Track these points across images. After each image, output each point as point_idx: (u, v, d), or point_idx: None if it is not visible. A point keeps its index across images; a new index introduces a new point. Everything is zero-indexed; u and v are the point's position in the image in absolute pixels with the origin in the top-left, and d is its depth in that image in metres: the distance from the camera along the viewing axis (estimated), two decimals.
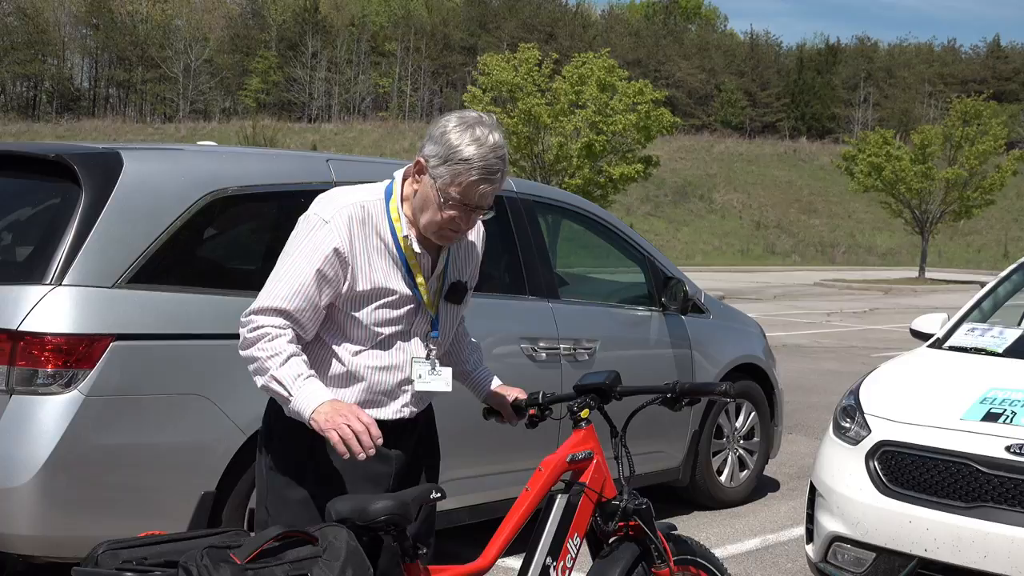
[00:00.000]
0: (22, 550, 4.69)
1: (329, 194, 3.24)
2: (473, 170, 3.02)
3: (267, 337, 3.01)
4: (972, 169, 45.97)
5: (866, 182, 46.92)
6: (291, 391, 2.97)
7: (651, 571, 3.49)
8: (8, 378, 4.64)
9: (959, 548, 4.79)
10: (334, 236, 3.05)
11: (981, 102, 48.62)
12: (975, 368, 5.67)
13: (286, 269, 3.09)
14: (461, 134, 3.04)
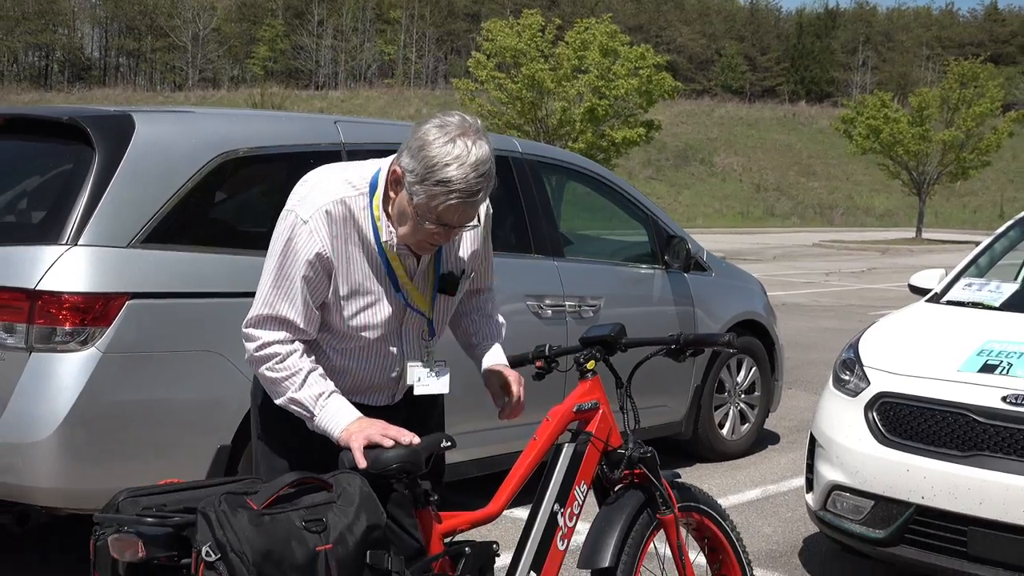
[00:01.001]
0: (45, 502, 4.72)
1: (312, 181, 3.02)
2: (452, 193, 2.76)
3: (277, 358, 2.90)
4: (969, 131, 45.84)
5: (864, 144, 46.81)
6: (314, 411, 2.90)
7: (655, 517, 3.50)
8: (27, 336, 4.65)
9: (955, 496, 4.81)
10: (315, 240, 2.87)
11: (978, 65, 48.42)
12: (972, 321, 5.67)
13: (273, 275, 2.93)
14: (441, 148, 2.75)
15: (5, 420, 4.65)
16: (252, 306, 2.97)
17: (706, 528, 3.78)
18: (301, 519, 2.49)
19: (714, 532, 3.79)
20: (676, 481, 3.64)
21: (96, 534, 2.54)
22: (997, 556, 4.74)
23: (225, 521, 2.40)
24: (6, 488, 4.68)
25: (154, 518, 2.49)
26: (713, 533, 3.80)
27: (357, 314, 3.00)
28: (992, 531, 4.73)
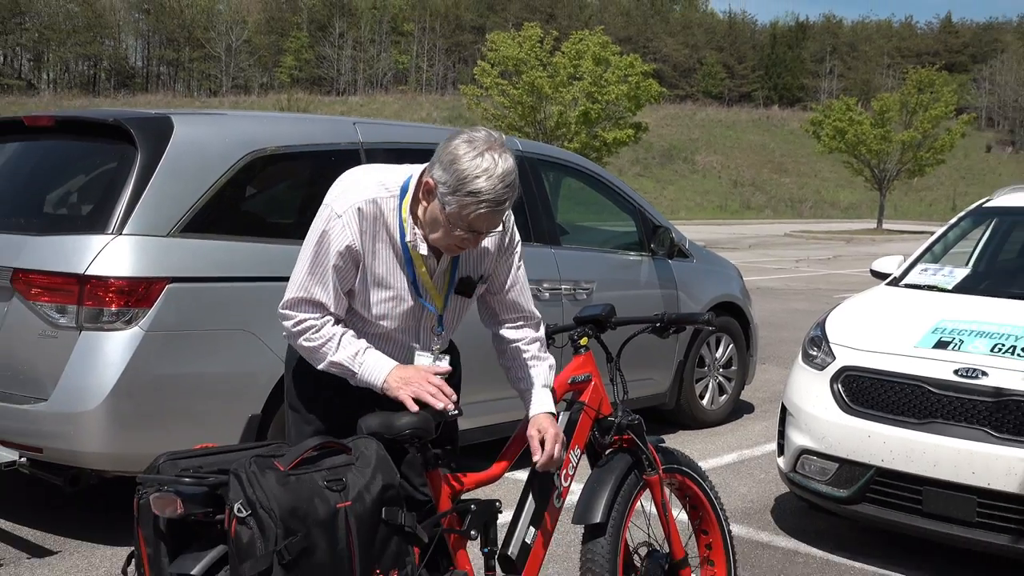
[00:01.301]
0: (94, 465, 4.73)
1: (348, 180, 3.00)
2: (482, 203, 2.75)
3: (312, 329, 2.90)
4: (925, 132, 45.78)
5: (831, 144, 46.74)
6: (354, 368, 2.90)
7: (642, 478, 3.50)
8: (78, 316, 4.66)
9: (912, 458, 4.81)
10: (347, 233, 2.86)
11: (934, 72, 48.31)
12: (927, 303, 5.67)
13: (308, 261, 2.91)
14: (471, 162, 2.74)
15: (58, 392, 4.66)
16: (288, 289, 2.95)
17: (688, 488, 3.78)
18: (323, 479, 2.49)
19: (695, 491, 3.80)
20: (660, 446, 3.64)
21: (139, 493, 2.55)
22: (949, 513, 4.75)
23: (255, 481, 2.40)
24: (59, 453, 4.69)
25: (191, 478, 2.49)
26: (694, 492, 3.80)
27: (379, 304, 2.98)
28: (944, 490, 4.74)
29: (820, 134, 47.51)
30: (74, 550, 4.84)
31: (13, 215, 5.33)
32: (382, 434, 2.77)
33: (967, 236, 6.66)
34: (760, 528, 5.59)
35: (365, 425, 2.81)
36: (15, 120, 5.73)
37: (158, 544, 2.55)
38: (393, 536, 2.56)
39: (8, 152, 5.66)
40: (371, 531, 2.51)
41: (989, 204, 6.69)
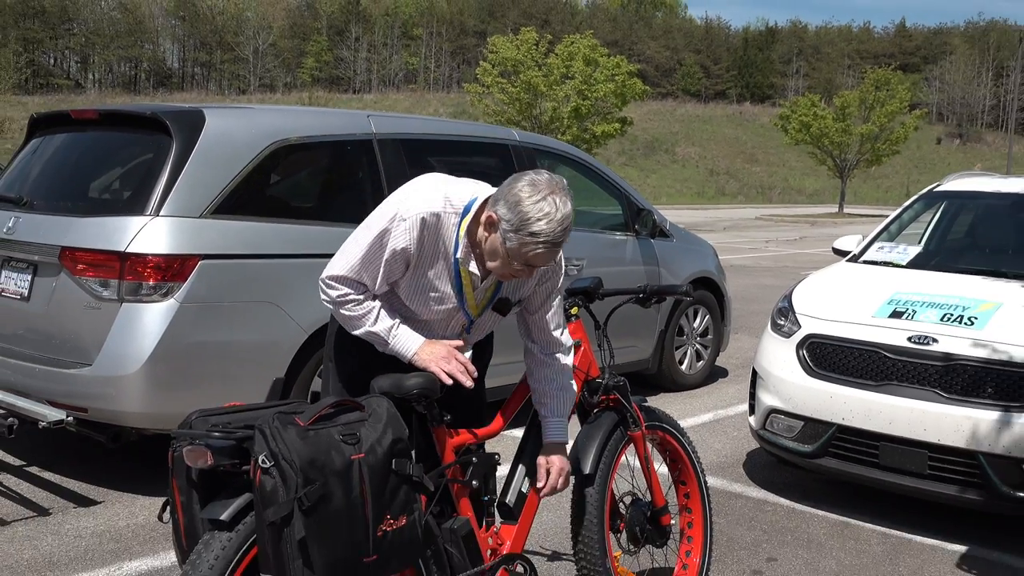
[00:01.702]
0: (134, 424, 4.72)
1: (420, 188, 2.91)
2: (540, 244, 2.71)
3: (353, 302, 2.88)
4: (882, 126, 45.72)
5: (797, 137, 46.71)
6: (388, 340, 2.89)
7: (627, 434, 3.49)
8: (119, 290, 4.65)
9: (869, 417, 4.81)
10: (405, 236, 2.80)
11: (890, 72, 48.25)
12: (884, 277, 5.65)
13: (362, 246, 2.86)
14: (534, 206, 2.68)
15: (101, 358, 4.65)
16: (336, 262, 2.90)
17: (668, 443, 3.76)
18: (339, 433, 2.47)
19: (674, 446, 3.78)
20: (643, 405, 3.63)
21: (173, 446, 2.53)
22: (903, 466, 4.76)
23: (278, 435, 2.39)
24: (103, 412, 4.68)
25: (220, 433, 2.47)
26: (673, 447, 3.78)
27: (421, 301, 2.95)
28: (899, 446, 4.74)
29: (787, 128, 47.45)
30: (116, 500, 4.84)
31: (61, 199, 5.32)
32: (392, 393, 2.76)
33: (919, 217, 6.63)
34: (733, 480, 5.58)
35: (377, 385, 2.80)
36: (63, 113, 5.72)
37: (191, 493, 2.54)
38: (402, 485, 2.54)
39: (56, 143, 5.64)
40: (382, 480, 2.49)
41: (939, 189, 6.66)
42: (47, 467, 5.27)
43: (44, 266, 4.95)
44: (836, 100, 47.94)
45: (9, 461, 5.36)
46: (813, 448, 5.04)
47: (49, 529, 4.44)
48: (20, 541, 4.28)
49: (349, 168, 5.58)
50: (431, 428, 2.92)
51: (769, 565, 4.39)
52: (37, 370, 4.85)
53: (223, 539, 2.43)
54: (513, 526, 3.19)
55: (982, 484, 4.55)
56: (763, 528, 4.85)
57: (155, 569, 4.05)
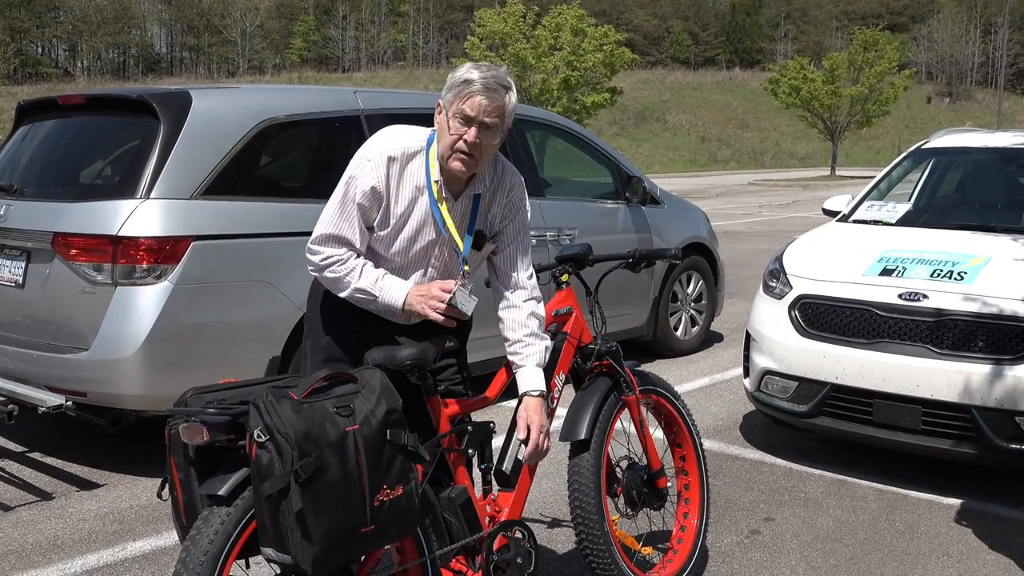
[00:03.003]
0: (132, 406, 4.74)
1: (384, 133, 2.99)
2: (472, 86, 2.79)
3: (337, 262, 2.89)
4: (871, 87, 45.61)
5: (787, 101, 46.61)
6: (375, 293, 2.89)
7: (621, 398, 3.50)
8: (113, 273, 4.65)
9: (863, 375, 4.83)
10: (372, 175, 2.85)
11: (878, 32, 48.07)
12: (874, 235, 5.65)
13: (336, 199, 2.91)
14: (466, 69, 2.84)
15: (98, 342, 4.65)
16: (316, 227, 2.93)
17: (663, 407, 3.77)
18: (333, 406, 2.48)
19: (669, 410, 3.79)
20: (636, 369, 3.63)
21: (170, 424, 2.54)
22: (897, 422, 4.78)
23: (272, 409, 2.39)
24: (101, 396, 4.70)
25: (215, 409, 2.47)
26: (668, 411, 3.79)
27: (399, 240, 2.96)
28: (892, 402, 4.77)
29: (777, 92, 47.33)
30: (118, 482, 4.86)
31: (51, 185, 5.31)
32: (385, 365, 2.76)
33: (908, 175, 6.63)
34: (730, 442, 5.61)
35: (370, 358, 2.80)
36: (50, 99, 5.70)
37: (188, 469, 2.54)
38: (398, 455, 2.55)
39: (45, 129, 5.62)
40: (378, 451, 2.50)
41: (927, 146, 6.65)
42: (49, 452, 5.29)
43: (37, 252, 4.95)
44: (825, 62, 47.74)
45: (10, 447, 5.37)
46: (808, 408, 5.06)
47: (53, 513, 4.46)
48: (24, 526, 4.30)
49: (338, 144, 5.56)
50: (425, 398, 2.93)
51: (767, 525, 4.42)
52: (35, 356, 4.86)
53: (222, 514, 2.44)
54: (510, 493, 3.20)
55: (976, 437, 4.58)
56: (760, 489, 4.88)
57: (158, 549, 4.07)
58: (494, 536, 3.05)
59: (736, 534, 4.30)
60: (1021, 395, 4.45)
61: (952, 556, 4.10)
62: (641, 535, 3.79)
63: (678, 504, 3.84)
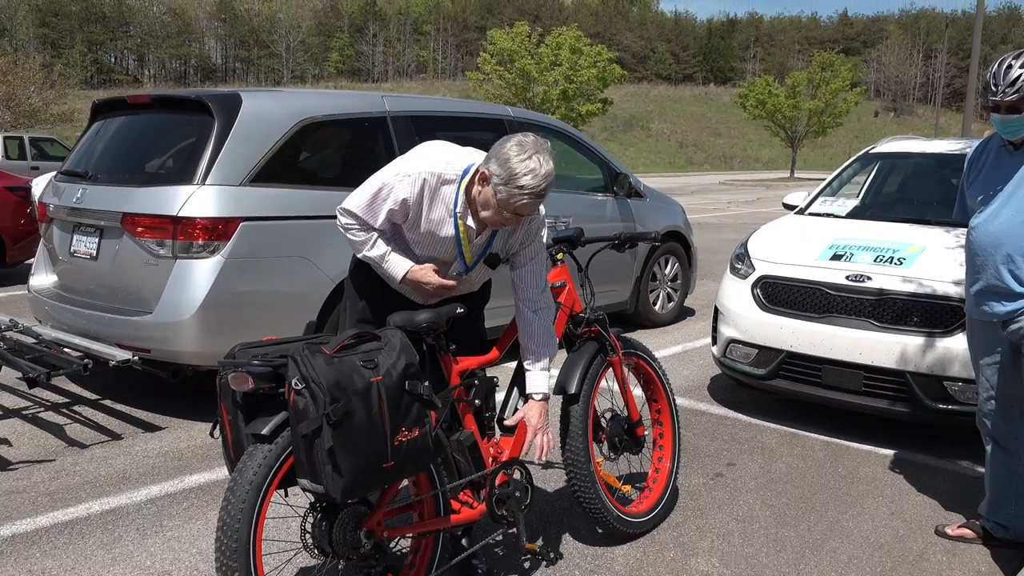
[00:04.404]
0: (190, 361, 4.74)
1: (427, 152, 2.91)
2: (526, 195, 2.71)
3: (356, 229, 2.90)
4: (827, 102, 45.47)
5: (754, 112, 46.47)
6: (381, 263, 2.91)
7: (606, 359, 3.50)
8: (173, 248, 4.64)
9: (813, 344, 4.82)
10: (407, 190, 2.80)
11: (834, 55, 48.08)
12: (826, 226, 5.63)
13: (369, 192, 2.86)
14: (520, 163, 2.69)
15: (160, 307, 4.65)
16: (350, 199, 2.90)
17: (642, 367, 3.77)
18: (360, 360, 2.48)
19: (647, 370, 3.79)
20: (621, 335, 3.63)
21: (220, 374, 2.54)
22: (842, 384, 4.78)
23: (307, 362, 2.39)
24: (163, 352, 4.70)
25: (259, 361, 2.48)
26: (647, 371, 3.79)
27: (423, 244, 2.94)
28: (838, 367, 4.76)
29: (746, 105, 47.16)
30: (177, 426, 4.87)
31: (121, 172, 5.28)
32: (405, 327, 2.77)
33: (857, 176, 6.60)
34: (699, 400, 5.62)
35: (392, 320, 2.81)
36: (120, 99, 5.67)
37: (236, 413, 2.55)
38: (415, 403, 2.56)
39: (115, 124, 5.60)
40: (397, 399, 2.50)
41: (874, 151, 6.62)
42: (118, 400, 5.31)
43: (109, 230, 4.94)
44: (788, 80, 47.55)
45: (86, 395, 5.39)
46: (766, 371, 5.06)
47: (122, 451, 4.48)
48: (98, 461, 4.32)
49: (366, 141, 5.54)
50: (439, 356, 2.94)
51: (729, 469, 4.43)
52: (106, 318, 4.87)
53: (264, 450, 2.46)
54: (510, 438, 3.20)
55: (909, 398, 4.58)
56: (724, 439, 4.89)
57: (211, 481, 4.09)
58: (496, 473, 3.06)
59: (702, 476, 4.31)
60: (949, 363, 4.45)
61: (886, 497, 4.11)
62: (622, 475, 3.81)
63: (653, 450, 3.85)
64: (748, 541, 3.59)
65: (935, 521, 3.85)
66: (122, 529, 3.55)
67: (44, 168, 19.44)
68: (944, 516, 3.91)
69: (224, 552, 2.38)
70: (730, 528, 3.72)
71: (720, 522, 3.78)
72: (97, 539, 3.46)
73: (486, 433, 3.14)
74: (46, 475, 4.12)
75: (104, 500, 3.84)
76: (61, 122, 35.03)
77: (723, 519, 3.81)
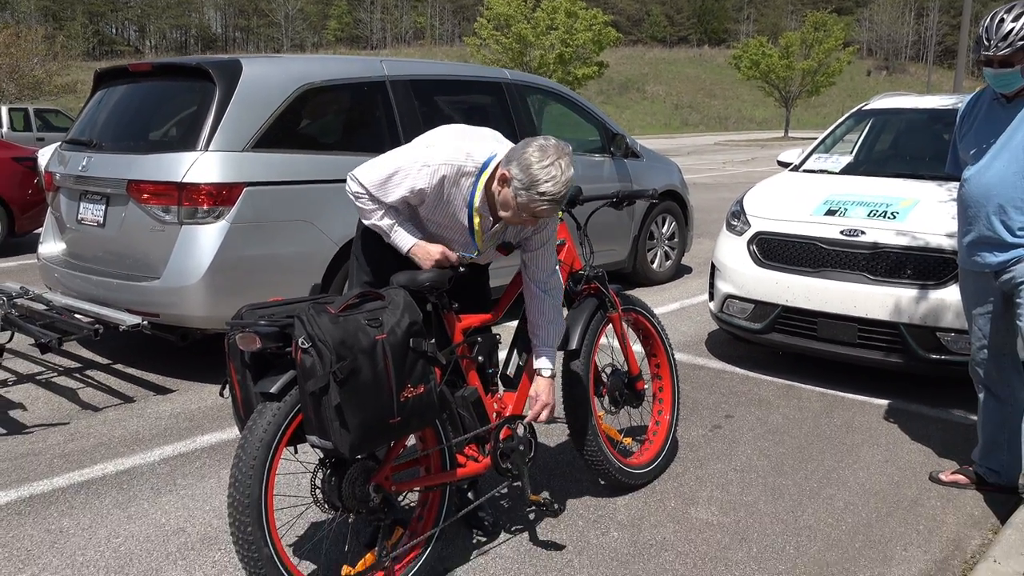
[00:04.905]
0: (197, 325, 4.75)
1: (448, 139, 2.86)
2: (546, 201, 2.69)
3: (366, 199, 2.84)
4: (820, 62, 44.95)
5: (748, 73, 45.96)
6: (389, 234, 2.87)
7: (606, 316, 3.50)
8: (178, 214, 4.62)
9: (809, 298, 4.82)
10: (425, 181, 2.76)
11: (827, 15, 47.48)
12: (820, 183, 5.59)
13: (386, 173, 2.80)
14: (542, 170, 2.66)
15: (167, 272, 4.65)
16: (365, 171, 2.84)
17: (641, 323, 3.77)
18: (364, 318, 2.47)
19: (646, 326, 3.79)
20: (620, 292, 3.62)
21: (228, 335, 2.54)
22: (837, 337, 4.78)
23: (313, 321, 2.39)
24: (171, 316, 4.70)
25: (266, 321, 2.48)
26: (646, 326, 3.79)
27: (437, 226, 2.91)
28: (833, 321, 4.76)
29: (740, 66, 46.64)
30: (187, 388, 4.89)
31: (125, 140, 5.25)
32: (408, 286, 2.76)
33: (849, 132, 6.54)
34: (697, 355, 5.62)
35: (395, 280, 2.79)
36: (122, 67, 5.61)
37: (245, 372, 2.55)
38: (419, 360, 2.55)
39: (118, 93, 5.55)
40: (402, 356, 2.50)
41: (867, 107, 6.54)
42: (129, 363, 5.32)
43: (115, 197, 4.92)
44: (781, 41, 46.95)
45: (98, 360, 5.40)
46: (762, 325, 5.06)
47: (134, 413, 4.49)
48: (111, 423, 4.34)
49: (366, 106, 5.49)
50: (442, 314, 2.93)
51: (727, 421, 4.44)
52: (115, 284, 4.86)
53: (273, 408, 2.46)
54: (514, 393, 3.21)
55: (903, 349, 4.58)
56: (722, 392, 4.90)
57: (222, 441, 4.11)
58: (500, 427, 3.07)
59: (701, 428, 4.33)
60: (942, 313, 4.45)
61: (881, 446, 4.12)
62: (623, 429, 3.82)
63: (653, 404, 3.86)
64: (747, 490, 3.61)
65: (929, 468, 3.87)
66: (137, 488, 3.57)
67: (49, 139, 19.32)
68: (938, 463, 3.93)
69: (237, 507, 2.39)
70: (729, 478, 3.74)
71: (719, 472, 3.80)
72: (113, 498, 3.48)
73: (489, 389, 3.14)
74: (61, 437, 4.13)
75: (118, 461, 3.85)
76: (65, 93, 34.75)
77: (722, 469, 3.83)
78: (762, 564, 3.02)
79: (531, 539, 3.17)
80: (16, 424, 4.31)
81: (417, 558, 2.81)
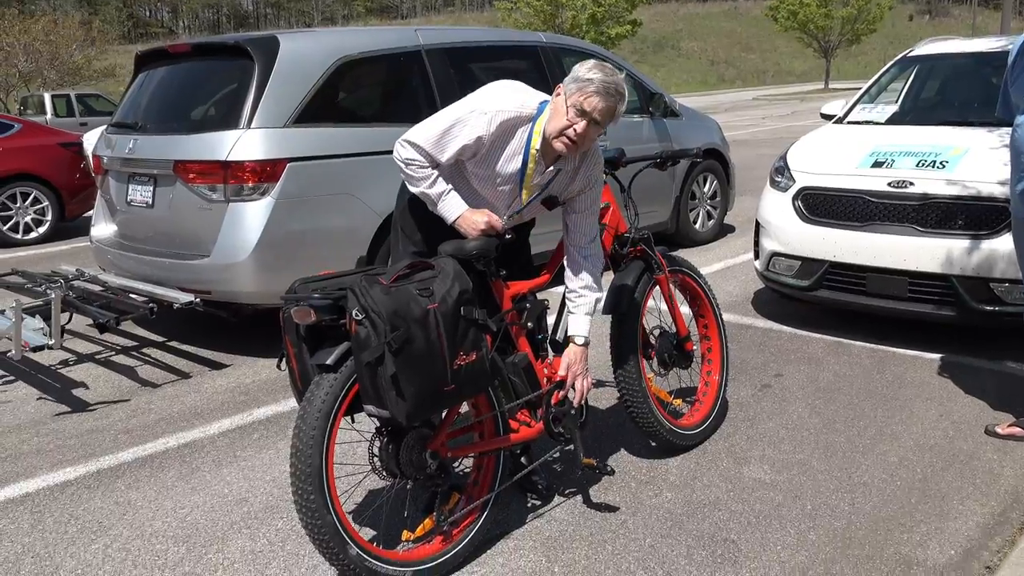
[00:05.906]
0: (249, 300, 4.83)
1: (503, 89, 2.86)
2: (592, 85, 2.70)
3: (417, 165, 2.81)
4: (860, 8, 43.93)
5: (786, 24, 45.14)
6: (437, 202, 2.85)
7: (653, 278, 3.49)
8: (224, 192, 4.68)
9: (857, 253, 4.76)
10: (483, 127, 2.75)
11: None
12: (865, 134, 5.49)
13: (441, 127, 2.79)
14: (590, 70, 2.74)
15: (217, 250, 4.72)
16: (416, 132, 2.83)
17: (688, 284, 3.76)
18: (416, 288, 2.50)
19: (693, 287, 3.78)
20: (666, 253, 3.61)
21: (283, 309, 2.58)
22: (886, 292, 4.72)
23: (366, 292, 2.42)
24: (223, 293, 4.79)
25: (320, 294, 2.52)
26: (693, 287, 3.78)
27: (485, 181, 2.90)
28: (883, 275, 4.70)
29: (777, 17, 45.80)
30: (242, 363, 4.98)
31: (169, 121, 5.32)
32: (456, 255, 2.77)
33: (895, 80, 6.40)
34: (744, 315, 5.59)
35: (443, 249, 2.81)
36: (162, 49, 5.67)
37: (300, 345, 2.60)
38: (470, 328, 2.58)
39: (159, 75, 5.61)
40: (454, 324, 2.53)
41: (912, 54, 6.39)
42: (184, 341, 5.44)
43: (162, 178, 5.00)
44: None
45: (154, 338, 5.53)
46: (810, 282, 5.01)
47: (191, 388, 4.60)
48: (170, 399, 4.45)
49: (403, 76, 5.49)
50: (490, 282, 2.95)
51: (776, 380, 4.43)
52: (167, 263, 4.95)
53: (330, 379, 2.51)
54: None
55: (955, 302, 4.51)
56: (770, 351, 4.88)
57: (278, 413, 4.20)
58: (551, 393, 3.09)
59: (751, 388, 4.32)
60: (995, 264, 4.37)
61: (934, 400, 4.08)
62: (672, 390, 3.83)
63: (702, 364, 3.86)
64: (799, 448, 3.61)
65: (984, 421, 3.83)
66: (199, 461, 3.67)
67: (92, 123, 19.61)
68: (993, 416, 3.88)
69: (299, 477, 2.45)
70: (780, 436, 3.73)
71: (770, 431, 3.79)
72: (176, 471, 3.58)
73: (540, 355, 3.17)
74: (123, 414, 4.25)
75: (179, 435, 3.96)
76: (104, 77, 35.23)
77: (773, 428, 3.83)
78: (817, 521, 3.02)
79: (585, 501, 3.21)
80: (80, 402, 4.44)
81: (474, 522, 2.86)
